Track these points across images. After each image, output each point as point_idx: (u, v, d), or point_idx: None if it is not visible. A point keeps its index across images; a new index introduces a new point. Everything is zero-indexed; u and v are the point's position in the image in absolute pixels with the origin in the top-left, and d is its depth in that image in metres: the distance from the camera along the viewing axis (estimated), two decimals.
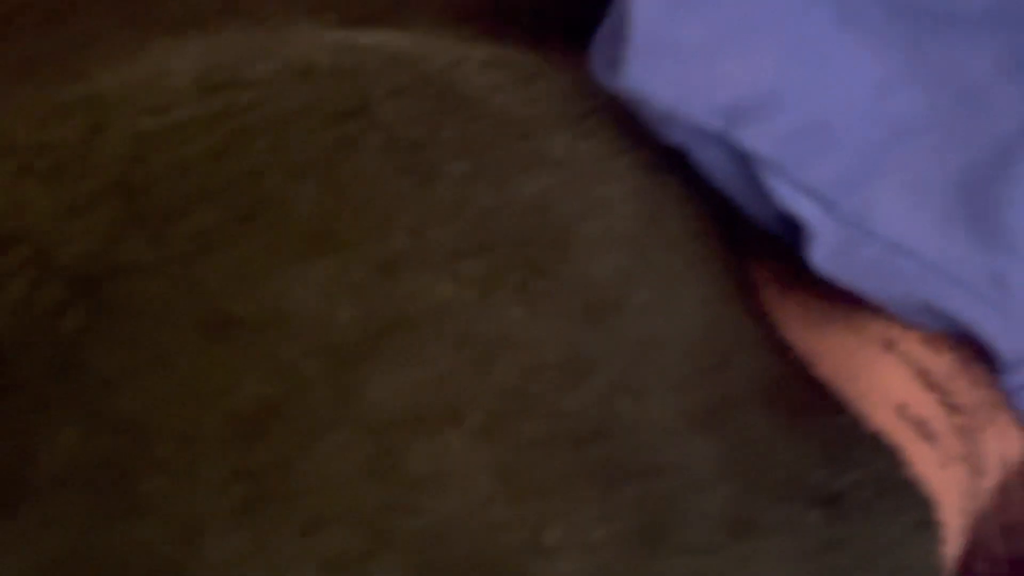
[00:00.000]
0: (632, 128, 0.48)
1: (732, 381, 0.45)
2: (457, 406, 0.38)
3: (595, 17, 0.49)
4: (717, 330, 0.46)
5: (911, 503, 0.45)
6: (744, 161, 0.49)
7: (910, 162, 0.49)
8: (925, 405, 0.50)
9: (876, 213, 0.49)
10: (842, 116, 0.49)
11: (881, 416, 0.49)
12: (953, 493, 0.48)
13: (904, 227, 0.49)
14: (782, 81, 0.48)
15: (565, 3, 0.54)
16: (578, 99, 0.48)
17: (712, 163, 0.49)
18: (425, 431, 0.37)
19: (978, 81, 0.49)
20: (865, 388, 0.50)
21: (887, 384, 0.50)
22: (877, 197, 0.49)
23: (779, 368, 0.48)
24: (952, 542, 0.47)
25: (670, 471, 0.41)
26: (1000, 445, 0.52)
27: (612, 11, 0.48)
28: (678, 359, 0.44)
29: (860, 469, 0.45)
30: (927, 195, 0.49)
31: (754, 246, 0.52)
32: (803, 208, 0.49)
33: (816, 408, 0.47)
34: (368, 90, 0.42)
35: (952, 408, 0.50)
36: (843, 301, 0.51)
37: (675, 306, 0.45)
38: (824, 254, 0.49)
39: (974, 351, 0.51)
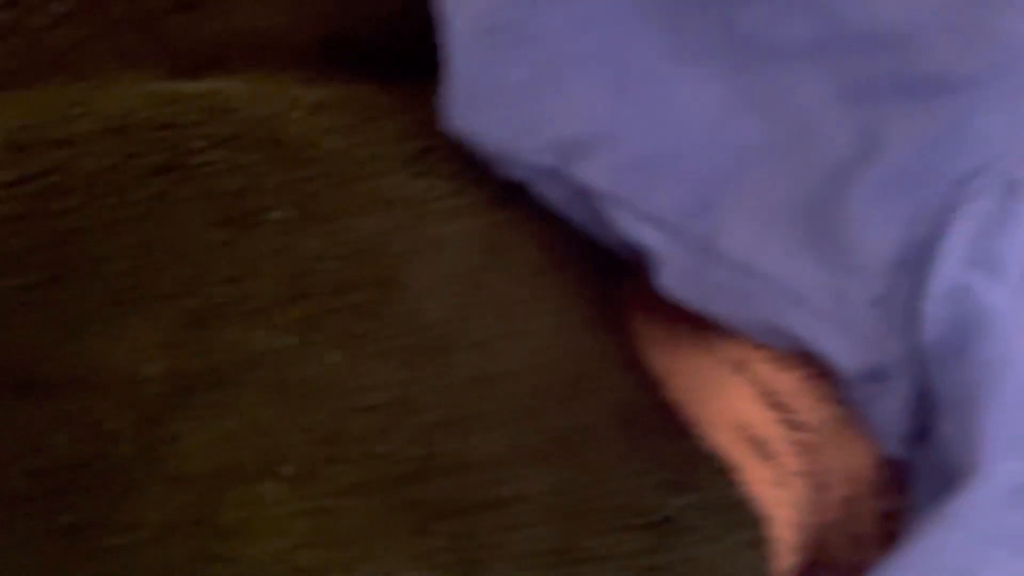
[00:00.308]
0: (474, 164, 0.49)
1: (580, 410, 0.46)
2: (272, 455, 0.39)
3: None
4: (568, 360, 0.47)
5: (740, 522, 0.46)
6: (585, 193, 0.50)
7: (754, 188, 0.50)
8: (767, 424, 0.51)
9: (724, 237, 0.50)
10: (681, 147, 0.50)
11: (722, 437, 0.50)
12: (788, 509, 0.49)
13: (751, 250, 0.50)
14: (612, 116, 0.49)
15: (417, 41, 0.55)
16: (417, 138, 0.49)
17: (554, 197, 0.50)
18: (238, 481, 0.38)
19: (811, 109, 0.50)
20: (711, 409, 0.51)
21: (731, 405, 0.51)
22: (724, 222, 0.50)
23: (631, 394, 0.49)
24: (785, 556, 0.48)
25: (493, 507, 0.42)
26: (847, 459, 0.53)
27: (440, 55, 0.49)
28: (518, 392, 0.45)
29: (691, 492, 0.46)
30: (772, 219, 0.50)
31: (622, 271, 0.53)
32: (646, 237, 0.50)
33: (661, 432, 0.48)
34: (186, 142, 0.43)
35: (795, 425, 0.51)
36: (698, 324, 0.52)
37: (517, 340, 0.46)
38: (673, 279, 0.50)
39: (822, 368, 0.52)
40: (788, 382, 0.52)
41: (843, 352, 0.50)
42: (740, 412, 0.51)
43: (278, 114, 0.46)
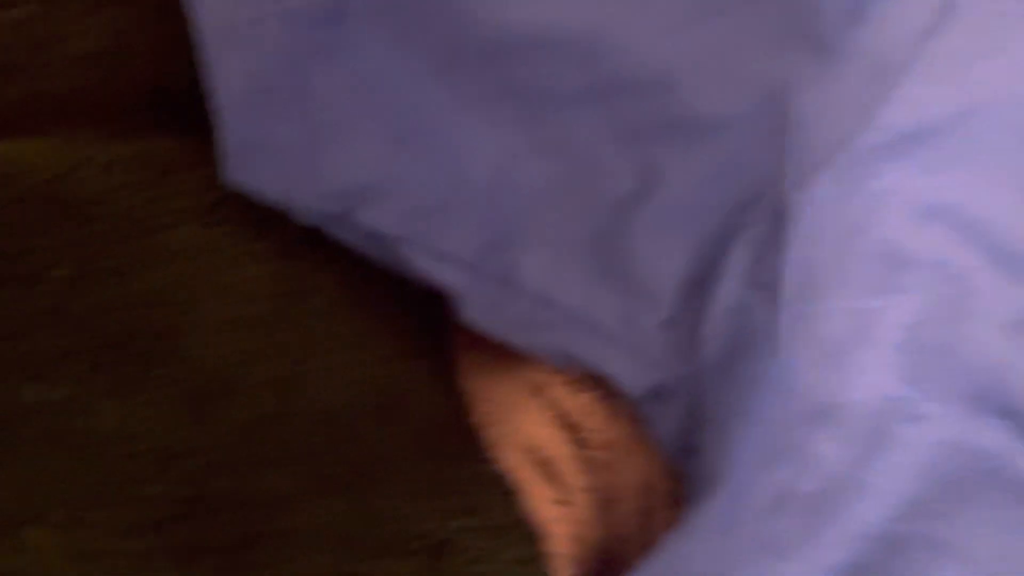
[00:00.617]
0: (270, 212, 0.52)
1: (381, 440, 0.49)
2: (40, 503, 0.41)
3: None
4: (371, 392, 0.50)
5: (515, 540, 0.48)
6: (376, 236, 0.53)
7: (546, 225, 0.52)
8: (556, 445, 0.53)
9: (521, 271, 0.52)
10: (471, 190, 0.52)
11: (512, 458, 0.53)
12: (569, 525, 0.52)
13: (548, 282, 0.52)
14: (394, 166, 0.52)
15: None
16: (212, 190, 0.51)
17: (352, 240, 0.53)
18: (6, 529, 0.40)
19: (592, 151, 0.52)
20: (504, 432, 0.54)
21: (524, 428, 0.54)
22: (521, 257, 0.52)
23: (433, 421, 0.52)
24: (564, 570, 0.51)
25: (266, 540, 0.44)
26: (638, 473, 0.56)
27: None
28: (314, 429, 0.48)
29: (470, 515, 0.48)
30: (565, 252, 0.52)
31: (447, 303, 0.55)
32: (444, 274, 0.53)
33: (455, 457, 0.51)
34: None
35: (584, 444, 0.54)
36: (503, 350, 0.55)
37: (314, 378, 0.49)
38: (474, 311, 0.53)
39: (614, 389, 0.55)
40: (581, 403, 0.55)
41: (631, 374, 0.53)
42: (531, 434, 0.54)
43: (68, 173, 0.48)
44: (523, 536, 0.49)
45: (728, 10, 0.52)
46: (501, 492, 0.50)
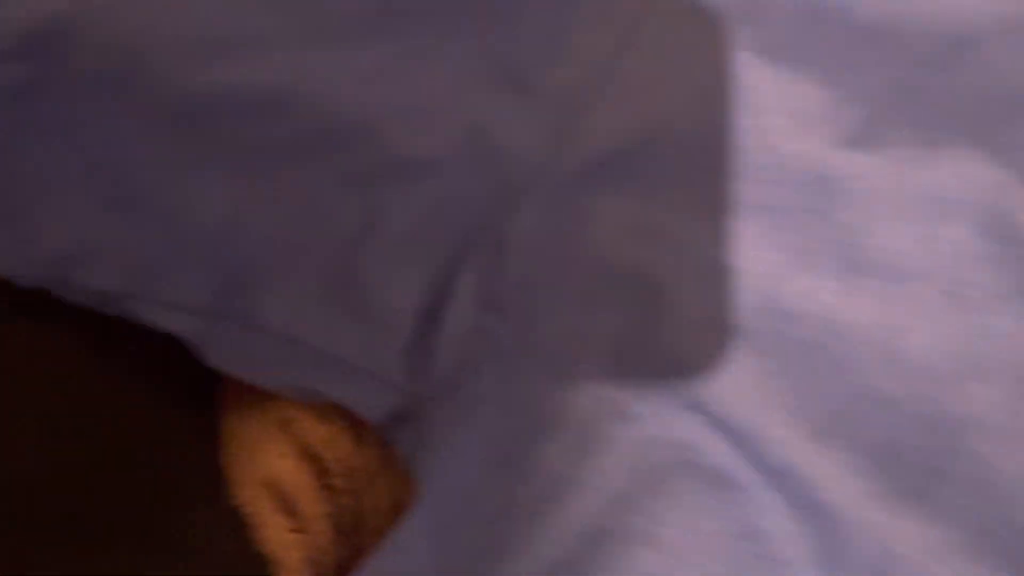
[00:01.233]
0: None
1: (103, 498, 0.51)
2: None
3: None
4: (106, 449, 0.52)
5: (251, 573, 0.51)
6: (100, 294, 0.55)
7: (284, 266, 0.54)
8: (296, 476, 0.56)
9: (265, 312, 0.55)
10: (199, 242, 0.54)
11: (252, 493, 0.55)
12: (304, 551, 0.54)
13: (289, 320, 0.55)
14: (108, 226, 0.53)
15: None
16: None
17: (80, 299, 0.55)
18: None
19: (318, 197, 0.55)
20: (247, 469, 0.56)
21: (267, 462, 0.56)
22: (263, 299, 0.55)
23: (175, 467, 0.54)
24: None
25: None
26: (388, 495, 0.58)
27: None
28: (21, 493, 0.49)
29: (191, 555, 0.51)
30: (305, 291, 0.55)
31: None
32: (175, 324, 0.55)
33: (194, 499, 0.54)
34: None
35: (325, 473, 0.57)
36: (254, 388, 0.57)
37: (43, 443, 0.50)
38: (217, 355, 0.55)
39: (359, 417, 0.57)
40: (325, 434, 0.57)
41: (372, 401, 0.55)
42: (273, 467, 0.56)
43: None
44: (256, 563, 0.51)
45: (425, 56, 0.55)
46: (240, 526, 0.53)
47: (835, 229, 0.52)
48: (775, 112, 0.54)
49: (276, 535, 0.53)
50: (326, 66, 0.54)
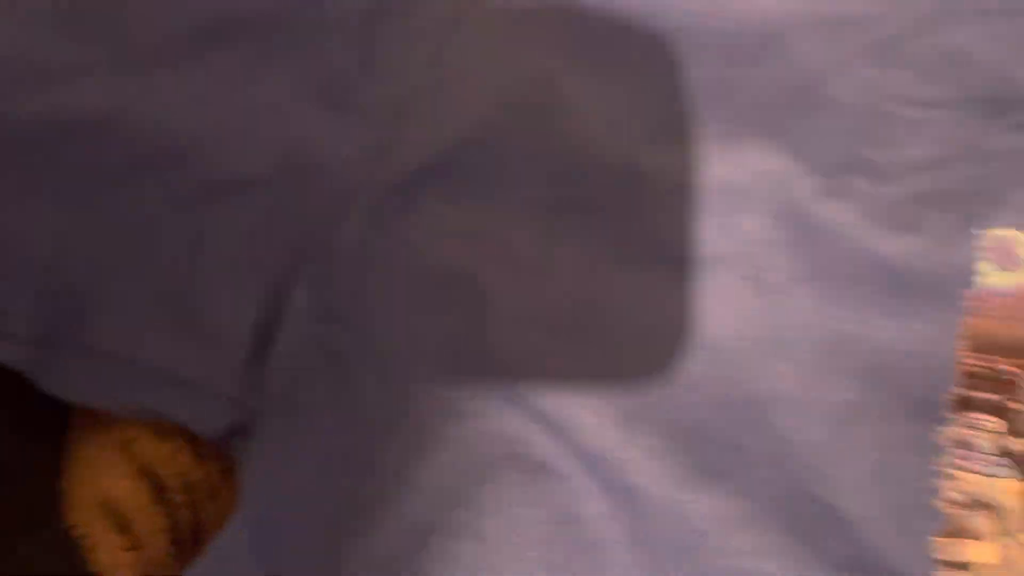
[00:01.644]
0: None
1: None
2: None
3: None
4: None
5: None
6: None
7: (118, 291, 0.55)
8: (132, 494, 0.56)
9: (100, 338, 0.55)
10: (26, 270, 0.55)
11: (87, 515, 0.56)
12: (138, 567, 0.55)
13: (128, 344, 0.55)
14: None
15: None
16: None
17: None
18: None
19: (149, 220, 0.55)
20: (89, 490, 0.57)
21: (103, 483, 0.56)
22: (97, 324, 0.55)
23: (14, 493, 0.55)
24: None
25: None
26: (230, 507, 0.59)
27: None
28: None
29: None
30: (140, 314, 0.55)
31: None
32: (7, 355, 0.55)
33: (28, 524, 0.54)
34: None
35: (163, 488, 0.57)
36: (97, 412, 0.57)
37: None
38: (51, 383, 0.55)
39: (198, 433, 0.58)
40: (167, 451, 0.58)
41: (210, 419, 0.55)
42: (109, 488, 0.56)
43: None
44: None
45: (239, 78, 0.56)
46: (73, 548, 0.53)
47: (645, 223, 0.54)
48: (589, 114, 0.55)
49: (108, 555, 0.54)
50: (142, 92, 0.55)
